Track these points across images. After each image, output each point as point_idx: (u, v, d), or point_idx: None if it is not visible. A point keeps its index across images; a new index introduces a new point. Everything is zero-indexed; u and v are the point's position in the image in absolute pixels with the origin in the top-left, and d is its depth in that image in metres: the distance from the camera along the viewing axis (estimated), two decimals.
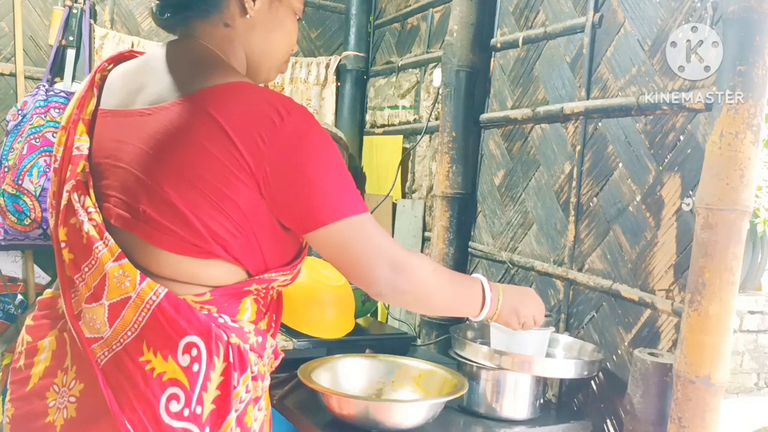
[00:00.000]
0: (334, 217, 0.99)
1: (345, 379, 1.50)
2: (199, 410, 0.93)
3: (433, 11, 2.53)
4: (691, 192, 1.42)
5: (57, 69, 2.54)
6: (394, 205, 2.62)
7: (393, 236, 2.58)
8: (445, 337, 2.01)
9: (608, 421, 1.56)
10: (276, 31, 1.10)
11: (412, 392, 1.51)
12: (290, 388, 1.53)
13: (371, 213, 2.66)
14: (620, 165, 1.61)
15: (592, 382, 1.62)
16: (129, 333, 0.93)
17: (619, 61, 1.63)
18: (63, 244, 0.99)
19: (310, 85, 2.97)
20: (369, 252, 1.02)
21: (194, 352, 0.93)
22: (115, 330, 0.94)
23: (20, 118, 2.36)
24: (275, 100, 0.96)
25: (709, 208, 1.25)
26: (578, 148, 1.74)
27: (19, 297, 2.53)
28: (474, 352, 1.50)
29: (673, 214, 1.46)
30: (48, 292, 1.10)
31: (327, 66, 2.98)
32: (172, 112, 0.96)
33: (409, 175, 2.58)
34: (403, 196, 2.60)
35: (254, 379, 1.01)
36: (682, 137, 1.46)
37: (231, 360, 0.96)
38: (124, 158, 0.97)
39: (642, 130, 1.56)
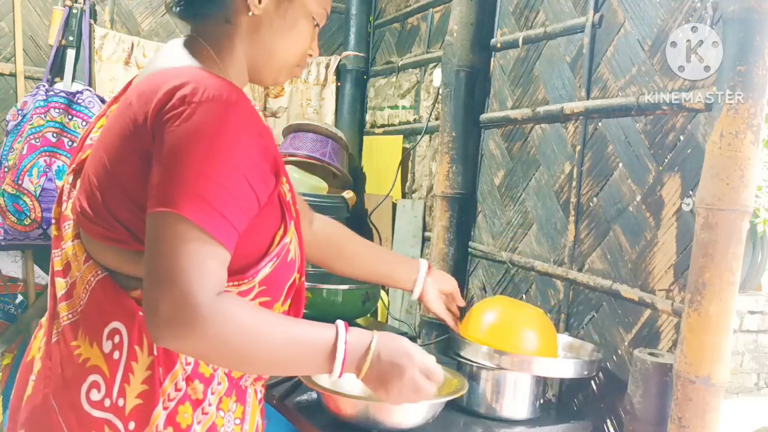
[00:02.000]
0: (169, 204, 0.82)
1: (345, 379, 1.50)
2: (121, 402, 0.89)
3: (433, 11, 2.53)
4: (691, 192, 1.42)
5: (57, 69, 2.54)
6: (394, 205, 2.62)
7: (393, 236, 2.58)
8: (445, 337, 2.00)
9: (608, 421, 1.56)
10: (284, 32, 1.03)
11: None
12: (290, 388, 1.53)
13: (370, 213, 2.61)
14: (620, 165, 1.61)
15: (592, 382, 1.62)
16: (71, 315, 0.94)
17: (619, 61, 1.63)
18: (54, 221, 1.05)
19: (310, 85, 2.98)
20: (163, 269, 0.81)
21: (116, 339, 0.90)
22: (62, 308, 0.95)
23: (20, 118, 2.36)
24: (199, 84, 0.87)
25: (709, 208, 1.25)
26: (578, 148, 1.74)
27: (19, 297, 2.52)
28: (474, 352, 1.50)
29: (673, 214, 1.47)
30: None
31: (327, 66, 2.98)
32: (118, 98, 1.00)
33: (409, 175, 2.58)
34: (403, 196, 2.60)
35: (189, 379, 0.94)
36: (682, 137, 1.46)
37: (155, 353, 0.90)
38: (87, 155, 1.02)
39: (642, 130, 1.56)
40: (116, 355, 0.90)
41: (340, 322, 0.97)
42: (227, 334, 0.83)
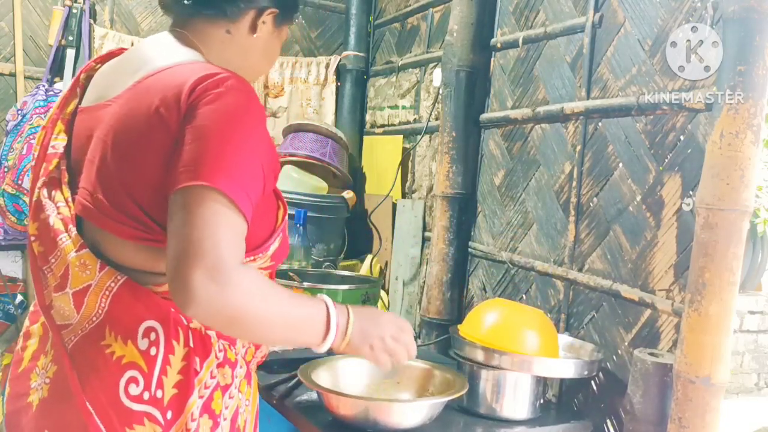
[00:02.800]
0: (199, 178, 0.86)
1: (345, 379, 1.50)
2: (159, 394, 0.94)
3: (433, 11, 2.53)
4: (691, 192, 1.42)
5: (57, 69, 2.54)
6: (394, 205, 2.62)
7: (393, 236, 2.58)
8: (445, 337, 2.00)
9: (608, 421, 1.56)
10: (268, 53, 1.16)
11: (414, 393, 1.51)
12: (290, 388, 1.53)
13: (370, 213, 2.63)
14: (620, 165, 1.61)
15: (592, 382, 1.62)
16: (94, 319, 0.96)
17: (619, 61, 1.63)
18: (33, 238, 1.03)
19: (310, 85, 2.97)
20: (196, 239, 0.84)
21: (152, 336, 0.95)
22: (82, 316, 0.96)
23: (20, 118, 2.36)
24: (212, 71, 0.96)
25: (709, 208, 1.25)
26: (578, 148, 1.74)
27: (19, 297, 2.53)
28: (474, 352, 1.50)
29: (673, 214, 1.46)
30: None
31: (327, 66, 2.98)
32: (123, 99, 0.99)
33: (409, 175, 2.58)
34: (403, 196, 2.60)
35: (221, 365, 1.00)
36: (682, 137, 1.46)
37: (192, 345, 0.96)
38: (90, 151, 1.00)
39: (642, 130, 1.56)
40: (153, 351, 0.94)
41: (327, 299, 1.02)
42: (252, 301, 0.89)
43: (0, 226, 2.34)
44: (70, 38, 2.53)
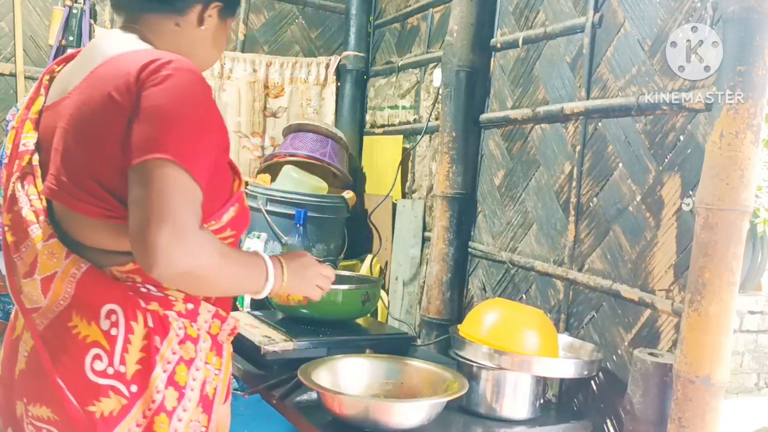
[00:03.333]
0: (154, 151, 0.94)
1: (345, 379, 1.50)
2: (122, 369, 1.03)
3: (433, 11, 2.53)
4: (691, 192, 1.42)
5: None
6: (394, 205, 2.62)
7: (393, 236, 2.58)
8: (445, 337, 2.01)
9: (608, 421, 1.56)
10: (215, 45, 1.23)
11: (415, 393, 1.51)
12: (290, 388, 1.53)
13: (370, 213, 2.61)
14: (620, 165, 1.61)
15: (592, 382, 1.62)
16: (61, 302, 1.05)
17: (619, 61, 1.63)
18: (6, 228, 1.11)
19: (310, 85, 2.98)
20: (156, 206, 0.93)
21: (113, 318, 1.03)
22: (50, 300, 1.05)
23: None
24: (158, 55, 1.03)
25: (709, 208, 1.25)
26: (578, 148, 1.74)
27: None
28: (474, 352, 1.50)
29: (673, 214, 1.46)
30: None
31: (327, 66, 2.98)
32: (79, 89, 1.07)
33: (409, 175, 2.58)
34: (403, 196, 2.60)
35: (182, 342, 1.08)
36: (682, 137, 1.46)
37: (151, 325, 1.04)
38: (55, 140, 1.08)
39: (642, 130, 1.56)
40: (114, 331, 1.03)
41: (263, 254, 1.17)
42: (211, 259, 1.00)
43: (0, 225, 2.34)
44: (71, 38, 2.54)
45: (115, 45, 1.10)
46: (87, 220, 1.04)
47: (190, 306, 1.10)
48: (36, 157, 1.12)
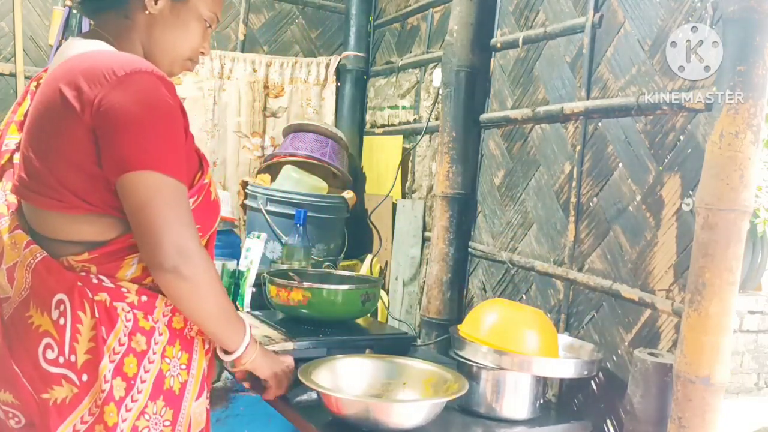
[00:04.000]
0: (143, 166, 1.03)
1: (345, 379, 1.50)
2: (73, 358, 1.06)
3: (433, 11, 2.53)
4: (691, 192, 1.42)
5: None
6: (394, 205, 2.62)
7: (393, 236, 2.58)
8: (445, 337, 2.01)
9: (608, 421, 1.56)
10: (177, 31, 1.21)
11: (415, 393, 1.51)
12: (290, 389, 1.53)
13: (370, 213, 2.62)
14: (620, 165, 1.61)
15: (592, 382, 1.62)
16: (23, 293, 1.09)
17: (619, 61, 1.63)
18: None
19: (310, 85, 2.98)
20: (166, 219, 1.04)
21: (62, 307, 1.07)
22: (15, 290, 1.10)
23: None
24: (117, 61, 1.06)
25: (709, 208, 1.25)
26: (578, 148, 1.74)
27: None
28: (474, 352, 1.50)
29: (673, 214, 1.47)
30: None
31: (327, 66, 2.98)
32: (40, 90, 1.12)
33: (409, 175, 2.58)
34: (403, 196, 2.60)
35: (132, 333, 1.09)
36: (682, 137, 1.46)
37: (97, 316, 1.07)
38: (23, 140, 1.14)
39: (642, 130, 1.56)
40: (62, 321, 1.06)
41: (248, 327, 1.24)
42: (207, 279, 1.10)
43: None
44: (71, 38, 2.53)
45: (75, 48, 1.15)
46: (42, 212, 1.10)
47: (144, 298, 1.11)
48: (17, 156, 1.17)
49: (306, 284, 1.76)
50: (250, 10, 2.94)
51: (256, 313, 1.97)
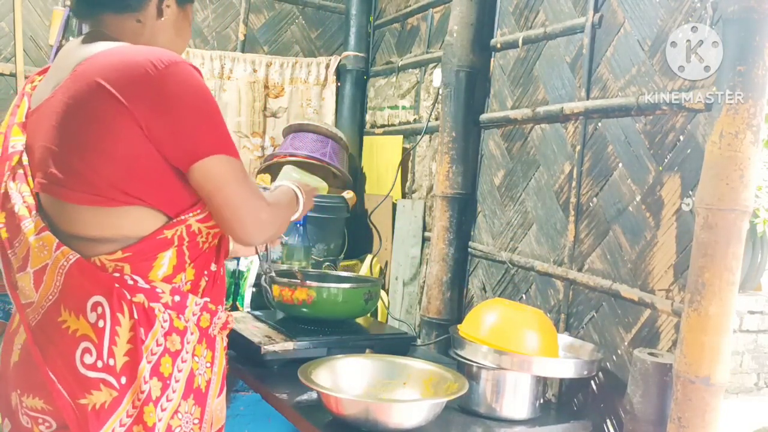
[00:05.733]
0: (216, 150, 1.10)
1: (345, 379, 1.50)
2: (111, 362, 1.05)
3: (433, 11, 2.53)
4: (691, 192, 1.42)
5: None
6: (394, 205, 2.62)
7: (393, 236, 2.59)
8: (445, 337, 2.01)
9: (608, 421, 1.56)
10: (177, 36, 1.27)
11: (415, 393, 1.51)
12: (290, 388, 1.53)
13: (370, 213, 2.64)
14: (620, 165, 1.61)
15: (592, 382, 1.62)
16: (50, 297, 1.07)
17: (619, 61, 1.64)
18: (1, 225, 1.15)
19: (310, 85, 2.97)
20: (242, 197, 1.12)
21: (99, 310, 1.06)
22: (40, 294, 1.08)
23: None
24: (152, 54, 1.08)
25: (709, 208, 1.25)
26: (578, 148, 1.74)
27: None
28: (474, 352, 1.50)
29: (673, 214, 1.47)
30: None
31: (327, 66, 2.98)
32: (65, 86, 1.10)
33: (409, 175, 2.58)
34: (403, 196, 2.60)
35: (167, 334, 1.11)
36: (682, 137, 1.46)
37: (136, 317, 1.07)
38: (41, 138, 1.13)
39: (642, 130, 1.56)
40: (101, 323, 1.05)
41: (294, 188, 1.38)
42: (279, 221, 1.28)
43: None
44: (71, 38, 2.53)
45: (90, 47, 1.14)
46: (75, 208, 1.08)
47: (177, 298, 1.12)
48: (25, 157, 1.16)
49: (310, 283, 1.76)
50: (250, 10, 2.94)
51: (257, 313, 1.97)
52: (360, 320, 1.96)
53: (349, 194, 2.63)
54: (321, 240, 2.53)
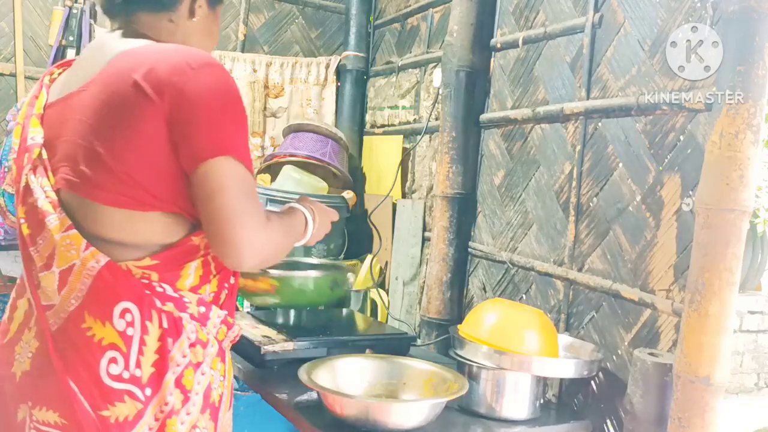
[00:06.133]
0: (226, 151, 1.02)
1: (345, 379, 1.50)
2: (138, 373, 1.02)
3: (433, 11, 2.53)
4: (691, 192, 1.42)
5: None
6: (394, 205, 2.62)
7: (393, 236, 2.58)
8: (445, 337, 2.01)
9: (608, 421, 1.56)
10: (209, 35, 1.26)
11: (415, 393, 1.51)
12: (290, 388, 1.53)
13: (370, 213, 2.64)
14: (620, 165, 1.61)
15: (592, 382, 1.62)
16: (73, 301, 1.02)
17: (619, 61, 1.63)
18: (22, 221, 1.10)
19: (310, 85, 2.97)
20: (242, 204, 1.02)
21: (128, 317, 1.02)
22: (63, 297, 1.03)
23: None
24: (188, 54, 1.06)
25: (709, 208, 1.25)
26: (578, 148, 1.74)
27: None
28: (474, 352, 1.50)
29: (673, 214, 1.47)
30: None
31: (327, 66, 2.98)
32: (98, 81, 1.06)
33: (409, 175, 2.58)
34: (403, 196, 2.60)
35: (192, 345, 1.08)
36: (682, 137, 1.46)
37: (165, 326, 1.04)
38: (67, 132, 1.08)
39: (642, 130, 1.56)
40: (130, 331, 1.02)
41: (302, 210, 1.28)
42: (280, 243, 1.15)
43: (0, 226, 2.34)
44: (71, 38, 2.53)
45: (123, 41, 1.12)
46: (103, 209, 1.03)
47: (202, 309, 1.09)
48: (44, 151, 1.11)
49: (275, 272, 1.77)
50: (250, 10, 2.94)
51: (257, 313, 1.97)
52: (360, 320, 1.96)
53: (349, 194, 2.63)
54: (321, 240, 2.53)
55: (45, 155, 1.11)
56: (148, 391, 1.02)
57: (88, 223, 1.05)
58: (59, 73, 1.21)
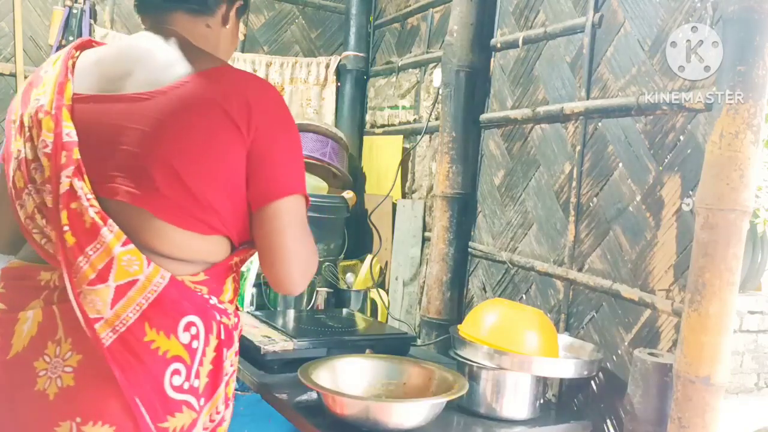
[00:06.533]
0: (294, 190, 1.10)
1: (345, 379, 1.50)
2: (196, 383, 1.04)
3: (433, 11, 2.53)
4: (691, 192, 1.42)
5: None
6: (394, 205, 2.62)
7: (393, 236, 2.58)
8: (445, 337, 2.01)
9: (608, 421, 1.56)
10: (233, 43, 1.29)
11: (415, 393, 1.51)
12: (290, 388, 1.53)
13: (370, 213, 2.65)
14: (620, 165, 1.61)
15: (592, 382, 1.62)
16: (131, 315, 0.99)
17: (619, 61, 1.63)
18: (66, 228, 1.00)
19: (310, 85, 2.97)
20: (301, 245, 1.11)
21: (193, 330, 1.04)
22: (116, 311, 0.98)
23: None
24: (267, 88, 1.12)
25: (709, 208, 1.25)
26: (578, 148, 1.74)
27: None
28: (474, 352, 1.50)
29: (673, 214, 1.47)
30: (15, 263, 1.10)
31: (327, 66, 2.98)
32: (171, 95, 1.03)
33: (409, 175, 2.58)
34: (403, 196, 2.60)
35: (237, 353, 1.14)
36: (682, 137, 1.46)
37: (222, 337, 1.08)
38: (127, 141, 1.02)
39: (642, 130, 1.56)
40: (195, 344, 1.04)
41: None
42: (317, 262, 1.21)
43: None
44: (71, 38, 2.53)
45: (175, 50, 1.11)
46: (167, 227, 1.02)
47: (236, 320, 1.15)
48: (76, 150, 1.03)
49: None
50: (250, 10, 2.94)
51: (257, 313, 1.97)
52: (360, 320, 1.96)
53: (349, 194, 2.63)
54: (321, 240, 2.53)
55: (76, 154, 1.03)
56: (203, 401, 1.05)
57: (143, 236, 1.02)
58: (78, 56, 1.13)
